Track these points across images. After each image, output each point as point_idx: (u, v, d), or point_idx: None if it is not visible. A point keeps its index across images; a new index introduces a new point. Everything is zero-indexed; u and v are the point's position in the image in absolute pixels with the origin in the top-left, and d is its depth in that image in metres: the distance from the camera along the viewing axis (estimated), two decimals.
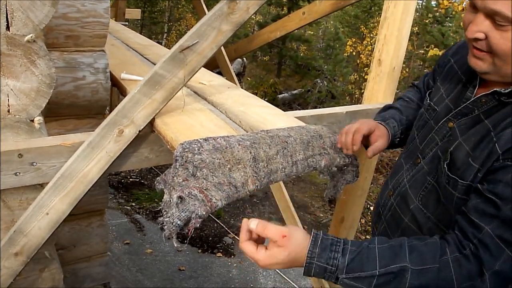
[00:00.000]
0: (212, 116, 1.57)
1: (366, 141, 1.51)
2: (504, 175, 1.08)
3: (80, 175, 1.33)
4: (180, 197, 1.11)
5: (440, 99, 1.43)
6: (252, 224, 1.12)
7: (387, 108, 1.77)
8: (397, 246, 1.14)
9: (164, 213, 1.14)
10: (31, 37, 1.23)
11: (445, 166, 1.27)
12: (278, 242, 1.09)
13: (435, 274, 1.08)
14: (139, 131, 1.37)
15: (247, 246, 1.12)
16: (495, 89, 1.17)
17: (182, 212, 1.10)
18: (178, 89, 1.35)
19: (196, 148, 1.19)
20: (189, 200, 1.10)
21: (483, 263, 1.05)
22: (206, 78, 2.07)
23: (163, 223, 1.12)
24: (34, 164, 1.29)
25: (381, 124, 1.56)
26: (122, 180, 6.52)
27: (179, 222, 1.10)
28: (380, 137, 1.51)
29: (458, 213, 1.19)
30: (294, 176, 1.42)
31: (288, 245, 1.09)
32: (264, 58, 20.57)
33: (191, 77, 1.36)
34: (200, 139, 1.24)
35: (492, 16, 1.07)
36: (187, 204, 1.10)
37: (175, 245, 1.16)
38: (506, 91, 1.15)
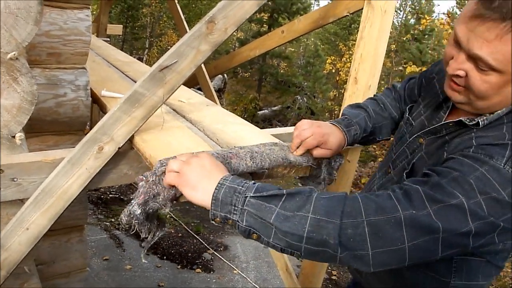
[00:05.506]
0: (190, 134, 1.61)
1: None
2: (447, 162, 1.11)
3: (60, 191, 1.35)
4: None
5: (418, 114, 1.48)
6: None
7: (357, 106, 1.73)
8: None
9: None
10: (14, 54, 1.25)
11: (404, 174, 1.33)
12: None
13: (342, 200, 1.05)
14: (119, 148, 1.39)
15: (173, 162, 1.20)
16: (461, 118, 1.21)
17: (138, 192, 1.22)
18: (157, 107, 1.39)
19: None
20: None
21: (399, 202, 1.03)
22: (185, 96, 2.10)
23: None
24: (15, 179, 1.30)
25: (342, 131, 1.53)
26: (102, 196, 6.47)
27: (136, 202, 1.21)
28: (326, 151, 1.48)
29: None
30: None
31: (214, 159, 1.21)
32: (245, 74, 20.68)
33: (170, 96, 1.39)
34: (177, 155, 1.27)
35: (475, 59, 1.08)
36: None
37: (124, 222, 1.26)
38: (471, 123, 1.19)
